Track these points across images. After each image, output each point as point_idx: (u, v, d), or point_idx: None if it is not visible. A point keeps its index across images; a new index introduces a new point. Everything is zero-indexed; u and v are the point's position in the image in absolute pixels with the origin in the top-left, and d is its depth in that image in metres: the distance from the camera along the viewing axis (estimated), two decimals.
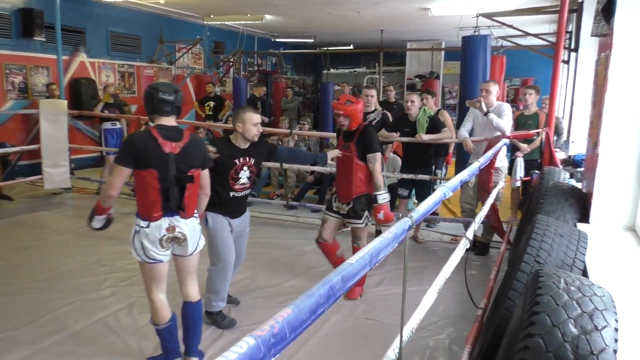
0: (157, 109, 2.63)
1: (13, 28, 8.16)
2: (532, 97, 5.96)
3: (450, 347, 3.21)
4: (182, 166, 2.62)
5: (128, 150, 2.57)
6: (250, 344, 0.78)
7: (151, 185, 2.58)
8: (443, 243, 5.43)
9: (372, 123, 5.50)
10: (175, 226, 2.64)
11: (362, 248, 3.34)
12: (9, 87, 8.20)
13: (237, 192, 3.31)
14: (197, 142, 2.75)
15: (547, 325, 1.46)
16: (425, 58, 14.54)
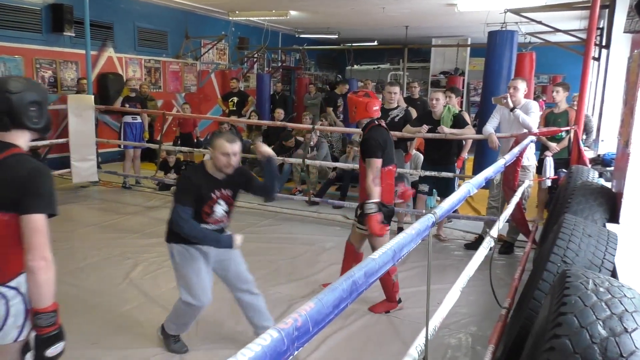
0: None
1: (43, 23, 8.33)
2: (560, 94, 5.84)
3: (473, 347, 3.18)
4: None
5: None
6: (273, 336, 0.78)
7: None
8: (466, 241, 5.36)
9: (394, 120, 5.47)
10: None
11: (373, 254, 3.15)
12: (39, 82, 8.38)
13: (211, 225, 2.85)
14: (10, 170, 1.73)
15: (575, 326, 1.43)
16: (450, 54, 14.37)
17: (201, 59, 11.88)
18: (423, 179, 5.39)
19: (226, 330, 3.35)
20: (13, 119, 1.77)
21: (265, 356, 0.75)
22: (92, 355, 2.98)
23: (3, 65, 7.84)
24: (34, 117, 1.83)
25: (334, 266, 4.53)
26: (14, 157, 1.74)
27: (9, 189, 1.69)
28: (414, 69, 15.54)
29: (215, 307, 3.23)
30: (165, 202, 6.77)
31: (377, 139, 3.44)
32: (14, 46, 7.95)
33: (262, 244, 5.15)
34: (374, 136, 3.46)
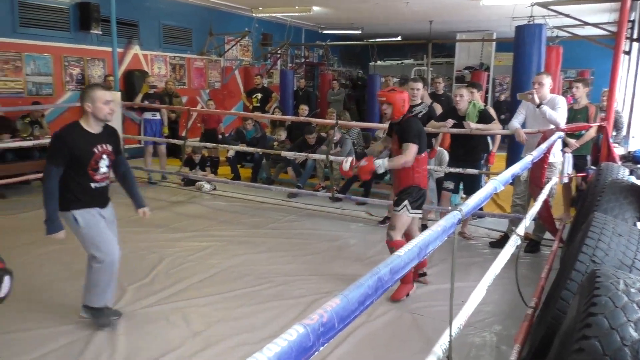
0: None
1: (71, 22, 8.50)
2: (580, 90, 5.71)
3: (498, 346, 3.14)
4: None
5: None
6: (299, 332, 0.78)
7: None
8: (490, 239, 5.29)
9: (418, 116, 5.42)
10: None
11: (393, 239, 3.25)
12: (67, 79, 8.56)
13: (99, 183, 3.05)
14: None
15: (605, 327, 1.39)
16: (475, 49, 14.16)
17: (225, 55, 11.97)
18: (448, 176, 5.34)
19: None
20: None
21: (291, 351, 0.75)
22: (112, 346, 3.04)
23: (33, 63, 8.03)
24: None
25: (357, 263, 4.53)
26: None
27: None
28: (438, 65, 15.38)
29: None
30: (190, 198, 6.85)
31: (415, 127, 3.73)
32: (44, 44, 8.14)
33: (285, 239, 5.17)
34: (412, 124, 3.73)
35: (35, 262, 4.35)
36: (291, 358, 0.75)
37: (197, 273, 4.19)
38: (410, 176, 3.77)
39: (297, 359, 0.76)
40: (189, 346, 3.05)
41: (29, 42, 7.93)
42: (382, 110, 3.87)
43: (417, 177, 3.77)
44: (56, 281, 3.99)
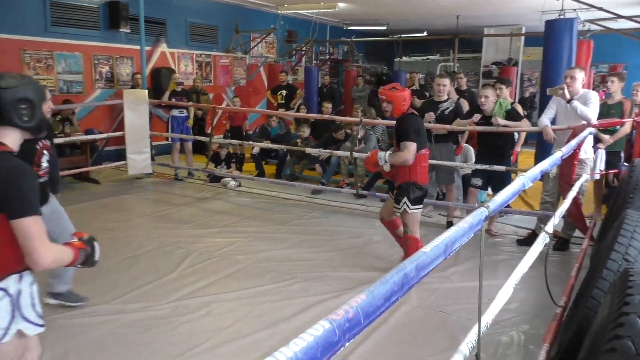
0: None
1: (101, 20, 8.66)
2: (615, 84, 5.56)
3: (526, 345, 3.09)
4: None
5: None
6: (325, 327, 0.78)
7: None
8: (518, 237, 5.20)
9: (444, 112, 5.37)
10: None
11: (408, 235, 3.30)
12: (97, 77, 8.73)
13: (41, 178, 2.87)
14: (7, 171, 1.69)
15: (638, 327, 1.36)
16: (503, 44, 13.91)
17: (250, 52, 12.03)
18: (475, 173, 5.27)
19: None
20: (1, 116, 1.73)
21: (317, 346, 0.75)
22: (144, 340, 3.09)
23: (64, 62, 8.21)
24: (25, 115, 1.76)
25: (381, 259, 4.51)
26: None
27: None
28: (464, 60, 15.16)
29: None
30: (215, 194, 6.92)
31: (412, 124, 3.80)
32: (74, 43, 8.32)
33: (309, 236, 5.18)
34: (410, 122, 3.82)
35: None
36: (317, 353, 0.75)
37: (223, 269, 4.23)
38: (407, 173, 3.86)
39: (323, 354, 0.76)
40: (215, 341, 3.09)
41: (60, 41, 8.12)
42: (382, 108, 3.94)
43: (413, 174, 3.85)
44: (87, 273, 4.07)
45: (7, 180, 1.64)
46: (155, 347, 3.02)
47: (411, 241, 3.92)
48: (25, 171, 1.71)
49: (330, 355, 0.79)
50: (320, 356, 0.76)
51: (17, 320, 1.76)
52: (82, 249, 1.88)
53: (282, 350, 0.73)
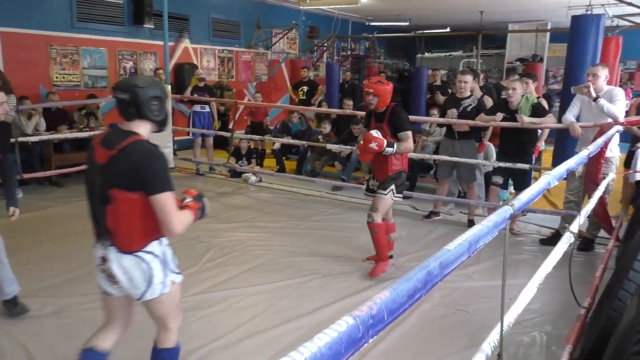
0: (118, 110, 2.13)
1: (125, 16, 8.77)
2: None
3: (548, 346, 3.04)
4: (106, 181, 2.00)
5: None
6: (349, 323, 0.78)
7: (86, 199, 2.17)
8: (541, 236, 5.13)
9: (466, 109, 5.30)
10: (107, 258, 2.08)
11: (375, 221, 3.28)
12: (121, 72, 8.85)
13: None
14: (131, 155, 1.97)
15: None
16: (528, 40, 13.67)
17: (272, 48, 12.06)
18: (497, 171, 5.20)
19: None
20: (138, 110, 2.04)
21: (340, 342, 0.76)
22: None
23: (89, 57, 8.34)
24: (155, 110, 2.07)
25: (401, 257, 4.50)
26: (136, 143, 2.00)
27: (133, 171, 1.95)
28: (487, 56, 14.95)
29: None
30: (236, 189, 6.97)
31: (405, 115, 3.95)
32: (99, 38, 8.44)
33: (329, 232, 5.18)
34: (403, 113, 3.94)
35: (90, 249, 4.52)
36: (341, 349, 0.75)
37: (243, 263, 4.26)
38: (400, 162, 3.98)
39: (347, 349, 0.76)
40: (234, 335, 3.12)
41: (85, 37, 8.25)
42: (366, 101, 3.98)
43: (405, 163, 4.04)
44: None
45: (145, 163, 1.95)
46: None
47: (378, 229, 4.00)
48: (159, 154, 2.02)
49: (353, 351, 0.79)
50: (344, 352, 0.76)
51: (168, 274, 2.14)
52: (198, 208, 2.21)
53: (307, 345, 0.73)
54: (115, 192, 1.97)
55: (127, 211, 1.98)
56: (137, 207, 1.97)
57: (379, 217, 3.97)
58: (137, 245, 2.02)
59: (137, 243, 2.02)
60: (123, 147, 1.97)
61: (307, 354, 0.71)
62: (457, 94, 5.45)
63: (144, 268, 2.04)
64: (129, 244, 2.02)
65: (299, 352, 0.71)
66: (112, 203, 1.98)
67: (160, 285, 2.10)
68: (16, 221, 5.30)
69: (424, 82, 10.99)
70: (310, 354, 0.72)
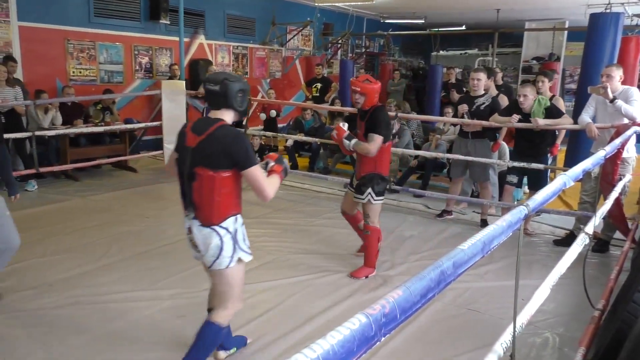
0: (206, 100, 2.49)
1: (142, 12, 8.83)
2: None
3: (561, 348, 3.02)
4: (194, 161, 2.33)
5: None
6: (362, 321, 0.78)
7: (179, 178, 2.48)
8: (555, 237, 5.08)
9: (480, 108, 5.26)
10: (191, 229, 2.41)
11: (369, 226, 3.61)
12: (136, 67, 8.92)
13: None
14: (219, 139, 2.29)
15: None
16: (545, 39, 13.51)
17: (286, 45, 12.06)
18: (511, 170, 5.16)
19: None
20: (226, 100, 2.36)
21: (353, 340, 0.76)
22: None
23: (106, 52, 8.42)
24: (240, 101, 2.40)
25: (413, 255, 4.48)
26: (223, 127, 2.33)
27: (224, 152, 2.27)
28: (503, 55, 14.80)
29: None
30: (248, 185, 6.98)
31: (384, 118, 3.82)
32: (116, 34, 8.51)
33: (340, 229, 5.17)
34: (382, 115, 3.82)
35: (104, 243, 4.58)
36: (353, 347, 0.75)
37: (254, 260, 4.24)
38: (373, 164, 3.87)
39: (359, 347, 0.76)
40: (245, 331, 3.13)
41: (102, 32, 8.32)
42: (353, 99, 3.88)
43: (379, 166, 3.89)
44: (124, 260, 4.19)
45: (234, 143, 2.27)
46: (188, 333, 3.08)
47: (372, 232, 3.97)
48: (243, 135, 2.39)
49: (366, 350, 0.79)
50: (356, 350, 0.76)
51: (237, 251, 2.39)
52: (281, 170, 2.47)
53: (320, 343, 0.73)
54: (201, 170, 2.30)
55: (209, 188, 2.30)
56: (218, 185, 2.29)
57: (375, 222, 3.97)
58: (216, 220, 2.32)
59: (216, 218, 2.32)
60: (211, 132, 2.30)
61: (319, 351, 0.72)
62: (471, 92, 5.41)
63: (217, 240, 2.33)
64: (209, 217, 2.33)
65: (311, 350, 0.72)
66: (197, 180, 2.32)
67: (228, 258, 2.37)
68: (32, 214, 5.39)
69: (439, 80, 10.94)
70: (322, 351, 0.72)
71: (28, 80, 7.07)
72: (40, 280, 3.71)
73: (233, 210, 2.36)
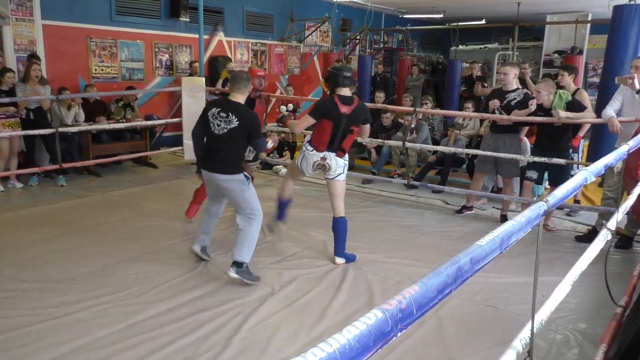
0: (339, 83, 3.94)
1: (162, 10, 8.92)
2: None
3: (582, 345, 2.98)
4: (349, 123, 3.93)
5: (318, 109, 3.95)
6: (378, 316, 0.79)
7: (326, 132, 3.91)
8: (577, 233, 5.01)
9: (511, 103, 5.15)
10: (326, 157, 4.00)
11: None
12: (157, 65, 9.02)
13: None
14: (362, 108, 4.02)
15: None
16: (567, 31, 13.25)
17: (304, 41, 12.06)
18: (532, 165, 5.08)
19: None
20: (353, 82, 4.05)
21: (369, 334, 0.76)
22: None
23: (127, 50, 8.52)
24: (348, 81, 3.99)
25: (431, 252, 4.47)
26: (359, 101, 4.02)
27: (364, 116, 4.05)
28: (524, 49, 14.56)
29: None
30: (267, 181, 7.04)
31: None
32: (137, 32, 8.61)
33: (358, 225, 5.18)
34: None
35: (126, 237, 4.66)
36: (370, 342, 0.76)
37: (274, 255, 4.31)
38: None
39: (376, 343, 0.77)
40: (262, 326, 3.16)
41: (123, 30, 8.42)
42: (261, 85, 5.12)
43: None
44: (146, 254, 4.26)
45: (367, 110, 4.13)
46: (209, 328, 3.12)
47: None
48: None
49: (382, 345, 0.80)
50: (372, 345, 0.77)
51: (345, 172, 4.13)
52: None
53: (336, 337, 0.74)
54: (354, 127, 4.00)
55: (353, 137, 4.05)
56: (354, 136, 4.05)
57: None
58: (344, 155, 4.08)
59: (345, 154, 4.08)
60: (357, 104, 3.95)
61: (336, 346, 0.73)
62: (503, 87, 5.32)
63: (342, 165, 4.04)
64: (343, 153, 4.05)
65: (328, 344, 0.73)
66: (352, 133, 4.00)
67: (343, 174, 4.10)
68: (56, 209, 5.50)
69: (458, 75, 10.83)
70: (339, 345, 0.73)
71: (51, 77, 7.19)
72: (64, 275, 3.79)
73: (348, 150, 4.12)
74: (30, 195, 6.06)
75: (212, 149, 3.72)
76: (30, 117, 6.29)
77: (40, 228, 4.80)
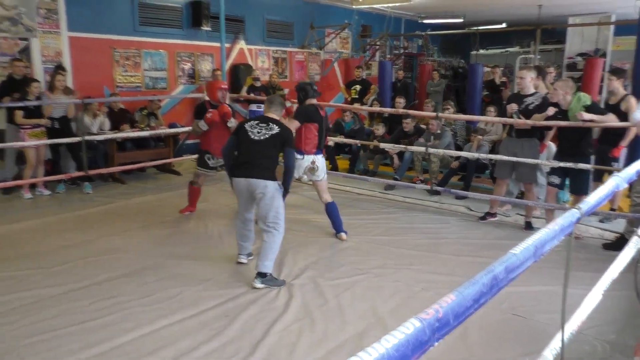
0: (309, 95, 4.72)
1: (184, 19, 9.05)
2: None
3: (612, 356, 2.91)
4: (327, 125, 4.80)
5: (302, 114, 4.58)
6: (415, 325, 0.79)
7: (314, 133, 4.59)
8: (604, 240, 4.91)
9: (528, 107, 5.10)
10: (315, 161, 4.54)
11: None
12: (179, 73, 9.14)
13: None
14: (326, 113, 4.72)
15: None
16: (590, 34, 13.05)
17: (325, 48, 12.11)
18: (554, 171, 5.00)
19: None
20: (316, 93, 4.90)
21: (408, 344, 0.76)
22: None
23: (150, 59, 8.66)
24: (316, 93, 4.79)
25: (455, 259, 4.43)
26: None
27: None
28: (546, 52, 14.37)
29: None
30: None
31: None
32: (159, 41, 8.74)
33: (382, 231, 5.18)
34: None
35: (148, 243, 4.72)
36: (408, 351, 0.76)
37: (297, 261, 4.32)
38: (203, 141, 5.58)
39: (414, 352, 0.77)
40: (291, 330, 3.16)
41: (147, 40, 8.56)
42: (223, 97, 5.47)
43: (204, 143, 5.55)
44: (169, 259, 4.30)
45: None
46: (231, 333, 3.14)
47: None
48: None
49: (420, 354, 0.80)
50: (411, 354, 0.77)
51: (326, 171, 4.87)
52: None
53: (375, 346, 0.74)
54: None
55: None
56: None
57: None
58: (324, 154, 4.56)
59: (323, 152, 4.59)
60: (324, 109, 4.62)
61: (375, 355, 0.73)
62: (521, 91, 5.27)
63: (323, 164, 4.56)
64: (324, 152, 4.47)
65: (367, 353, 0.73)
66: (329, 132, 4.52)
67: (325, 174, 4.80)
68: (81, 215, 5.60)
69: (479, 79, 10.73)
70: (378, 354, 0.73)
71: (78, 88, 7.34)
72: (89, 280, 3.86)
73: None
74: (57, 202, 6.19)
75: (250, 154, 3.84)
76: (55, 127, 6.44)
77: (67, 234, 4.90)
